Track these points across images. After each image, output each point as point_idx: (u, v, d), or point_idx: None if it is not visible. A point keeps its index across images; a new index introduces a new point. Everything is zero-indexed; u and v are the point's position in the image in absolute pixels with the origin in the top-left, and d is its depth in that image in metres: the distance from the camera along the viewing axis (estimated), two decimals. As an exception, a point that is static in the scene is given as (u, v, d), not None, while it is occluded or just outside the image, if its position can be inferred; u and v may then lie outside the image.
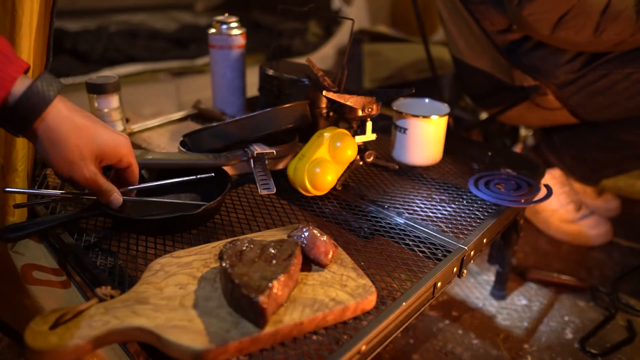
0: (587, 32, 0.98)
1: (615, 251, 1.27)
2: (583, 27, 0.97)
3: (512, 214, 0.85)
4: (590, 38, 0.99)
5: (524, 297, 1.10)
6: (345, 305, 0.53)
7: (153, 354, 0.51)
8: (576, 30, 0.98)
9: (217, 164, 0.76)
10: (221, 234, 0.70)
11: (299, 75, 0.95)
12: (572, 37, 1.00)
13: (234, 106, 1.11)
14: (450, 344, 0.96)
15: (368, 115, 0.82)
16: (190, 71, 2.04)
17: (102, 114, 0.86)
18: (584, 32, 0.98)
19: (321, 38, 2.47)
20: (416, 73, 2.10)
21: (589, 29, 0.97)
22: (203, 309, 0.51)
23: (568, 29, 0.99)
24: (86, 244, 0.67)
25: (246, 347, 0.48)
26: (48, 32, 0.70)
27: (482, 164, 0.97)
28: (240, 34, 1.04)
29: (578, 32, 0.99)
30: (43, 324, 0.46)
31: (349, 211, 0.78)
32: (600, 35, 0.98)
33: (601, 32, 0.97)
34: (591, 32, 0.98)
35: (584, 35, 0.99)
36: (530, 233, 1.33)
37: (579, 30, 0.98)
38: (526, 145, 1.48)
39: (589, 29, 0.97)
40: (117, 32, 2.32)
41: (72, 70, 1.84)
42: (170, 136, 1.01)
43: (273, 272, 0.52)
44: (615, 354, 0.94)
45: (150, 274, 0.56)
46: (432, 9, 2.09)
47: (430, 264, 0.65)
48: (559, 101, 1.19)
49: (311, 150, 0.78)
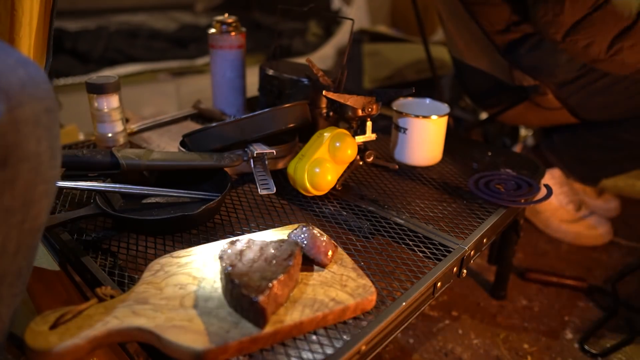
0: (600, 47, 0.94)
1: (615, 251, 1.27)
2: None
3: (512, 214, 0.85)
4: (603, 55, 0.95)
5: (524, 297, 1.10)
6: (345, 305, 0.53)
7: (153, 354, 0.51)
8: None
9: (220, 165, 0.76)
10: (221, 234, 0.70)
11: (299, 75, 0.95)
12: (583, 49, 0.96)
13: (234, 106, 1.11)
14: (450, 344, 0.96)
15: (368, 115, 0.82)
16: (190, 71, 2.04)
17: (102, 113, 0.86)
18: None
19: (321, 38, 2.47)
20: (416, 73, 2.11)
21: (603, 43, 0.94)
22: (203, 309, 0.51)
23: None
24: (86, 243, 0.68)
25: (246, 347, 0.48)
26: (48, 32, 0.70)
27: (482, 164, 0.97)
28: (240, 34, 1.04)
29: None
30: (43, 324, 0.46)
31: (349, 211, 0.78)
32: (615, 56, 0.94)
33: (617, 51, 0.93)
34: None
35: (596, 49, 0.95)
36: (530, 233, 1.33)
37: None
38: (526, 145, 1.48)
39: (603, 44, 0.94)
40: (117, 32, 2.32)
41: (72, 70, 1.84)
42: (170, 136, 1.01)
43: (273, 272, 0.52)
44: (615, 354, 0.94)
45: (150, 274, 0.56)
46: (432, 9, 2.10)
47: (430, 264, 0.65)
48: (558, 101, 1.19)
49: (311, 150, 0.78)
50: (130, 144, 0.98)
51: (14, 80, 0.37)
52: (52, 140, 0.39)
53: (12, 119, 0.36)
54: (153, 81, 1.95)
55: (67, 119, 1.52)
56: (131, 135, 1.01)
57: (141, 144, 0.97)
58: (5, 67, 0.37)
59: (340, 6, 2.48)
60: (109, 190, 0.72)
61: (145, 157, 0.73)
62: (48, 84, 0.39)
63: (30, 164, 0.38)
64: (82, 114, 1.07)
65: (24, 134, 0.37)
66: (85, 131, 1.54)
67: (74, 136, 1.46)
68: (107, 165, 0.71)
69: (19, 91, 0.37)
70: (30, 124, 0.37)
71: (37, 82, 0.38)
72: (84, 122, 1.36)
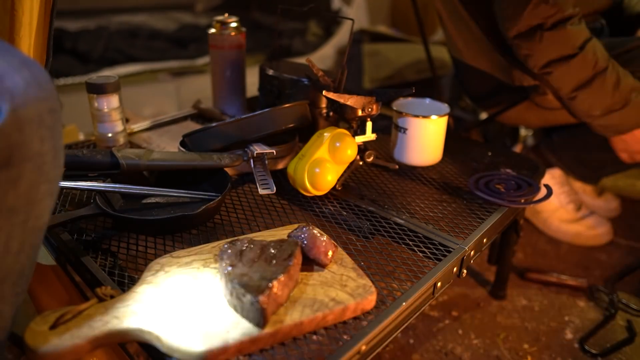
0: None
1: (615, 251, 1.27)
2: None
3: (512, 214, 0.85)
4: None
5: (524, 297, 1.10)
6: (345, 305, 0.53)
7: (153, 354, 0.51)
8: None
9: (220, 165, 0.76)
10: (221, 234, 0.70)
11: (299, 75, 0.95)
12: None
13: (234, 106, 1.11)
14: (450, 344, 0.96)
15: (368, 115, 0.82)
16: (190, 71, 2.04)
17: (102, 113, 0.86)
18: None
19: (321, 38, 2.47)
20: (416, 73, 2.10)
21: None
22: (203, 309, 0.51)
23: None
24: (86, 243, 0.68)
25: (246, 347, 0.48)
26: (48, 32, 0.70)
27: (482, 164, 0.97)
28: (240, 34, 1.04)
29: None
30: (43, 324, 0.46)
31: (349, 211, 0.78)
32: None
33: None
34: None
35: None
36: (530, 233, 1.33)
37: None
38: (526, 145, 1.48)
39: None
40: (117, 32, 2.32)
41: (72, 70, 1.84)
42: (170, 136, 1.01)
43: (273, 272, 0.52)
44: (615, 354, 0.94)
45: (150, 274, 0.56)
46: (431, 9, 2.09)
47: (430, 264, 0.65)
48: (558, 101, 1.18)
49: (311, 150, 0.78)
50: (130, 144, 0.98)
51: (18, 81, 0.37)
52: (55, 140, 0.40)
53: (16, 119, 0.36)
54: (153, 81, 1.94)
55: (67, 119, 1.51)
56: (131, 135, 1.01)
57: (141, 144, 0.97)
58: (9, 68, 0.37)
59: (340, 6, 2.48)
60: (109, 190, 0.72)
61: (145, 157, 0.73)
62: (51, 85, 0.39)
63: (34, 163, 0.38)
64: (82, 114, 1.07)
65: (27, 133, 0.37)
66: (85, 131, 1.54)
67: (74, 136, 1.46)
68: (107, 165, 0.71)
69: (23, 91, 0.37)
70: (34, 124, 0.37)
71: (40, 83, 0.38)
72: (84, 122, 1.35)
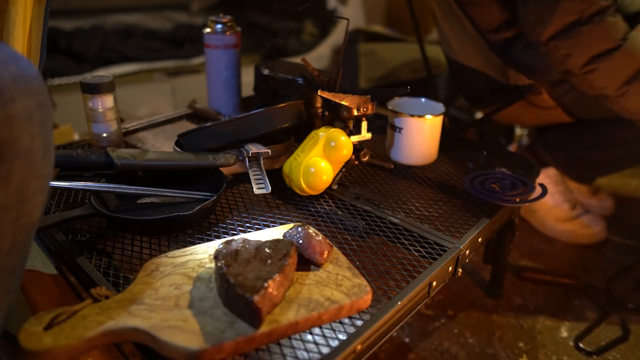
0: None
1: (609, 250, 1.27)
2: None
3: (507, 213, 0.85)
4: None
5: (519, 296, 1.10)
6: (341, 304, 0.53)
7: (148, 355, 0.51)
8: None
9: (215, 165, 0.76)
10: (216, 234, 0.70)
11: (295, 74, 0.95)
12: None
13: (229, 106, 1.11)
14: (446, 342, 0.96)
15: (363, 114, 0.82)
16: (185, 71, 2.03)
17: (96, 113, 0.86)
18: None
19: (316, 38, 2.47)
20: (411, 72, 2.11)
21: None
22: (198, 309, 0.51)
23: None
24: (81, 244, 0.67)
25: (241, 347, 0.48)
26: (42, 32, 0.70)
27: (477, 163, 0.97)
28: (235, 33, 1.04)
29: None
30: (37, 324, 0.46)
31: (344, 211, 0.78)
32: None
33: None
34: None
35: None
36: (526, 232, 1.34)
37: None
38: (521, 144, 1.49)
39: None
40: (112, 32, 2.31)
41: (67, 70, 1.84)
42: (165, 136, 1.01)
43: (268, 271, 0.52)
44: (610, 352, 0.94)
45: (145, 274, 0.56)
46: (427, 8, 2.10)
47: (425, 263, 0.65)
48: (553, 100, 1.19)
49: (306, 150, 0.78)
50: (125, 143, 0.98)
51: (6, 76, 0.36)
52: (45, 136, 0.39)
53: (5, 115, 0.35)
54: (148, 81, 1.94)
55: (61, 119, 1.51)
56: (126, 135, 1.01)
57: (136, 144, 0.97)
58: None
59: (335, 6, 2.48)
60: (104, 191, 0.72)
61: (140, 157, 0.73)
62: (40, 80, 0.39)
63: (25, 160, 0.38)
64: (76, 114, 1.07)
65: (17, 129, 0.36)
66: (80, 131, 1.53)
67: (69, 136, 1.46)
68: (102, 165, 0.71)
69: (11, 86, 0.36)
70: (23, 120, 0.37)
71: (29, 78, 0.38)
72: (79, 122, 1.35)
